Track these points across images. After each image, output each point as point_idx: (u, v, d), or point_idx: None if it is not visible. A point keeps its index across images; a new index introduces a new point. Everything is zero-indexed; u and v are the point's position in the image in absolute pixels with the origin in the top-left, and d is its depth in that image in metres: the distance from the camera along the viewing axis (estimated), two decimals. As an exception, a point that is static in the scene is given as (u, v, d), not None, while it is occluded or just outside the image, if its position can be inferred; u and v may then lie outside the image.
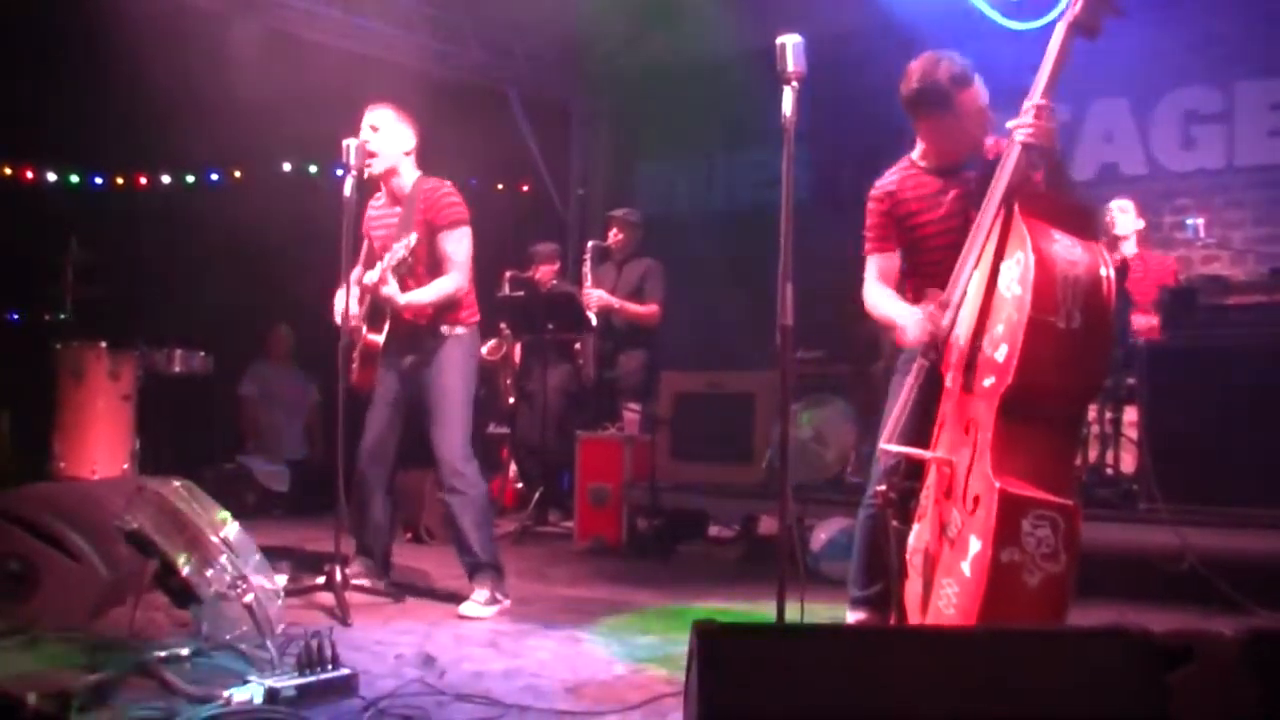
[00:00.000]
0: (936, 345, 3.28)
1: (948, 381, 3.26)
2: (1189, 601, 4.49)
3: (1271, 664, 2.26)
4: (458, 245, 4.69)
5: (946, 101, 3.45)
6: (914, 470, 3.33)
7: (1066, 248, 2.95)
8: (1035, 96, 3.10)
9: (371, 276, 4.62)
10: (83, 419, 6.46)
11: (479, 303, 4.92)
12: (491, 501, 5.11)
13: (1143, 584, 4.76)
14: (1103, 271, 2.95)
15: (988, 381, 3.02)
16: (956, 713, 2.18)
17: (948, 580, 3.03)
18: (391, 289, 4.55)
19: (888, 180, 3.70)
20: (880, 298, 3.68)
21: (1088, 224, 3.11)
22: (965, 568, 2.93)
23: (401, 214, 4.75)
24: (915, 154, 3.68)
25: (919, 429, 3.34)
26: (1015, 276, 2.97)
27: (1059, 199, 3.17)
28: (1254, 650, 2.27)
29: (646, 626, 4.37)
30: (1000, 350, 2.97)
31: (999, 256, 3.07)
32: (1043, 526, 2.83)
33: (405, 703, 3.16)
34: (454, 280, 4.67)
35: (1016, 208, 3.05)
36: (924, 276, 3.61)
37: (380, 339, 4.70)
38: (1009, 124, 3.16)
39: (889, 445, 3.36)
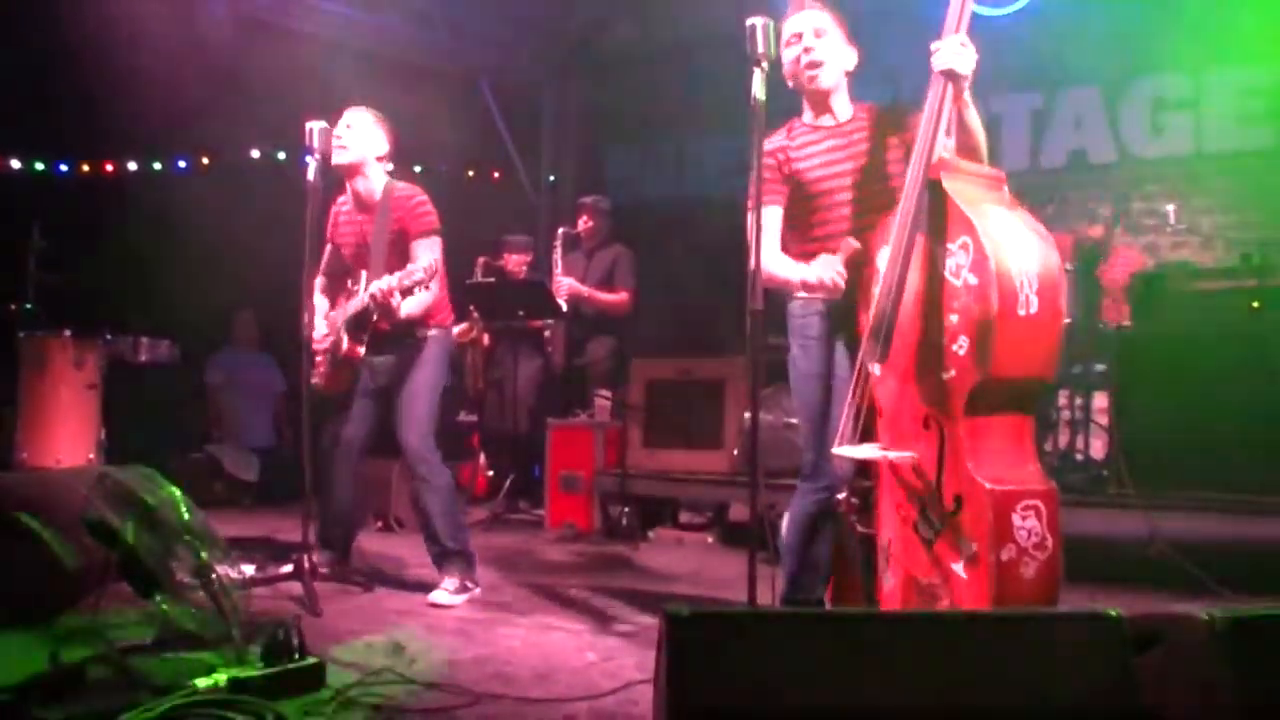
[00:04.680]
0: (880, 335, 3.14)
1: (875, 370, 3.18)
2: (1158, 585, 4.52)
3: (1242, 646, 2.26)
4: (429, 253, 4.61)
5: None
6: (864, 467, 3.31)
7: (1016, 231, 2.91)
8: (957, 33, 2.99)
9: (387, 282, 4.41)
10: (46, 409, 6.38)
11: (450, 291, 4.89)
12: (461, 489, 5.05)
13: (1112, 568, 4.78)
14: (1051, 253, 2.93)
15: (947, 375, 2.95)
16: (927, 698, 2.17)
17: (931, 580, 3.01)
18: (407, 306, 4.51)
19: (780, 136, 3.59)
20: (777, 261, 3.48)
21: (1002, 185, 3.08)
22: (960, 570, 2.90)
23: (375, 224, 4.69)
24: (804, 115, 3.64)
25: (859, 424, 3.23)
26: (965, 264, 2.90)
27: (976, 170, 3.11)
28: (1225, 633, 2.27)
29: (618, 614, 4.36)
30: (959, 342, 2.91)
31: (935, 238, 3.00)
32: (1030, 517, 2.84)
33: (374, 691, 3.13)
34: (430, 291, 4.61)
35: (946, 189, 2.97)
36: (812, 240, 3.51)
37: (363, 350, 4.68)
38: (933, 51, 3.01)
39: (843, 450, 3.22)
